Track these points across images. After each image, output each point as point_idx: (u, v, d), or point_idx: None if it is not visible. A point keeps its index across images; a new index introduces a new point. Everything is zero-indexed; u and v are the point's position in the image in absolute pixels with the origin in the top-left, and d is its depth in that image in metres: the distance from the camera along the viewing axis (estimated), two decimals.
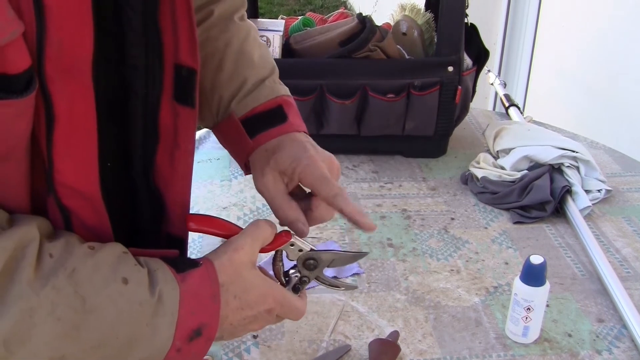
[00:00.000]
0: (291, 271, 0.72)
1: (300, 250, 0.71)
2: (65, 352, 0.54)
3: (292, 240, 0.70)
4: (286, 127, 0.75)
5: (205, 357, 0.94)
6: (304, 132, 0.77)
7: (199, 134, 1.54)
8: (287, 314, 0.69)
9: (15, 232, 0.53)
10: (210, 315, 0.61)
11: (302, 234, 0.71)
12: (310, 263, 0.71)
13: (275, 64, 0.81)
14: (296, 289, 0.71)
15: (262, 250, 0.69)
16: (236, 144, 0.77)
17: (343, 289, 0.76)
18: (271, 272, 0.71)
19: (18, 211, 0.56)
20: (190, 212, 0.69)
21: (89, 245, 0.57)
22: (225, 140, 0.79)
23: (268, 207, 0.75)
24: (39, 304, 0.52)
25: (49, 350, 0.54)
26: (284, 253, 0.71)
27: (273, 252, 0.71)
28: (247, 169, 0.78)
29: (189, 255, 0.75)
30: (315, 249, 0.72)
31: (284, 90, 0.79)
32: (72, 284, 0.54)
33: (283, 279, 0.71)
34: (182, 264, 0.62)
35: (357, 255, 0.78)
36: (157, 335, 0.58)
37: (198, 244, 1.17)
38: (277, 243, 0.70)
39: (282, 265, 0.71)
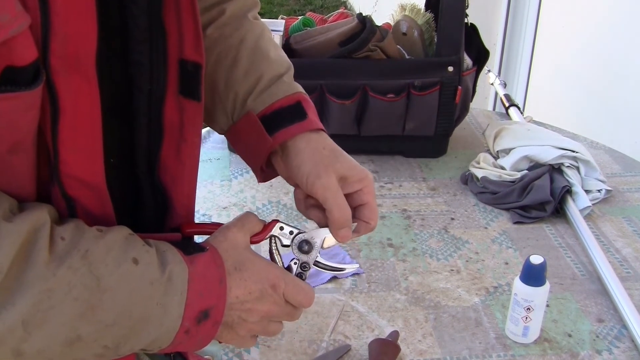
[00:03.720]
0: (291, 263, 0.72)
1: (292, 232, 0.71)
2: (80, 332, 0.55)
3: (280, 224, 0.71)
4: (307, 124, 0.72)
5: (206, 357, 0.94)
6: (323, 131, 0.74)
7: None
8: (295, 295, 0.67)
9: (27, 216, 0.53)
10: (217, 298, 0.62)
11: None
12: (304, 246, 0.71)
13: (290, 62, 0.78)
14: (300, 277, 0.71)
15: (255, 240, 0.69)
16: (254, 143, 0.73)
17: (346, 271, 0.75)
18: None
19: (24, 200, 0.57)
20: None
21: (97, 228, 0.58)
22: (241, 142, 0.76)
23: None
24: (57, 285, 0.53)
25: (66, 331, 0.54)
26: (278, 242, 0.71)
27: (268, 251, 0.71)
28: (262, 175, 0.76)
29: None
30: (305, 230, 0.72)
31: (300, 88, 0.77)
32: (87, 264, 0.55)
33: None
34: (189, 247, 0.63)
35: None
36: (166, 314, 0.59)
37: None
38: (267, 229, 0.70)
39: (279, 255, 0.71)
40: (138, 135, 0.64)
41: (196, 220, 0.72)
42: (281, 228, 0.71)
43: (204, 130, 1.56)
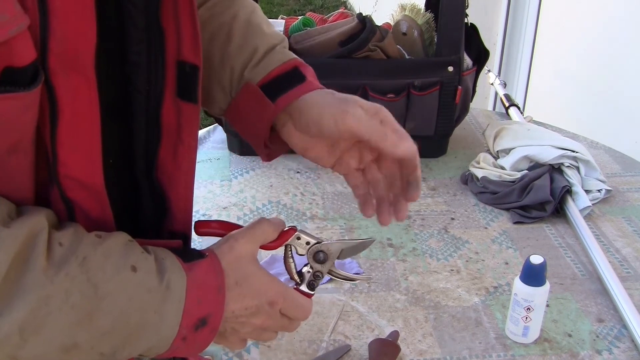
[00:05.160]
0: (304, 269, 0.72)
1: (308, 243, 0.71)
2: (77, 340, 0.55)
3: (297, 233, 0.70)
4: (307, 86, 0.71)
5: (206, 357, 0.94)
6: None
7: (199, 133, 1.55)
8: (292, 310, 0.68)
9: (25, 221, 0.53)
10: (215, 306, 0.62)
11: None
12: (320, 255, 0.71)
13: (284, 36, 0.77)
14: (311, 285, 0.71)
15: (270, 247, 0.69)
16: (256, 114, 0.72)
17: (358, 281, 0.75)
18: (273, 271, 0.71)
19: (23, 203, 0.56)
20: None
21: (95, 234, 0.58)
22: (243, 116, 0.74)
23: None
24: (54, 292, 0.53)
25: (63, 338, 0.54)
26: (294, 249, 0.71)
27: (272, 253, 0.71)
28: (267, 152, 0.75)
29: None
30: (322, 241, 0.71)
31: (295, 55, 0.76)
32: (84, 271, 0.55)
33: (296, 277, 0.71)
34: (188, 254, 0.63)
35: (365, 243, 0.76)
36: (164, 322, 0.59)
37: (199, 245, 1.17)
38: (283, 238, 0.70)
39: (294, 262, 0.71)
40: (136, 136, 0.64)
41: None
42: (298, 238, 0.70)
43: (203, 131, 1.56)
